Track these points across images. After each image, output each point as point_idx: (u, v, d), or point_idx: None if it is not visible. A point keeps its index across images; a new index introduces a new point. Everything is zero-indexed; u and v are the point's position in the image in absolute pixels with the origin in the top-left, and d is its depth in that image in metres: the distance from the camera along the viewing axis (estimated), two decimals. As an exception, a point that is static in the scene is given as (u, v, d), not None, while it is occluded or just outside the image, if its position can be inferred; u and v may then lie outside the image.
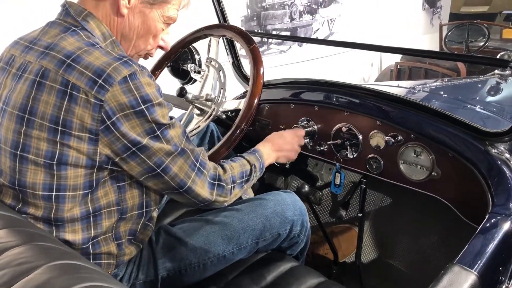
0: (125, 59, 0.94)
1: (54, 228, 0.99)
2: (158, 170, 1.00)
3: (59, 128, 0.92)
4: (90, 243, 1.03)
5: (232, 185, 1.17)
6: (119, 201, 1.05)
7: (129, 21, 1.05)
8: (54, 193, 0.96)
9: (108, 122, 0.92)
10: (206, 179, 1.10)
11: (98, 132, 0.92)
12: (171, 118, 1.02)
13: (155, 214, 1.21)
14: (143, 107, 0.93)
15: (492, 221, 1.06)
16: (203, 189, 1.08)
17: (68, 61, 0.93)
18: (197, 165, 1.07)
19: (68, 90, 0.91)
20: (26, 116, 0.94)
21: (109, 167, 0.98)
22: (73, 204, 0.98)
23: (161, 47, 1.17)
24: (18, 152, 0.96)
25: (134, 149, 0.96)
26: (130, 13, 1.04)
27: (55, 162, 0.94)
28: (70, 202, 0.97)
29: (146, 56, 1.17)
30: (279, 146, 1.40)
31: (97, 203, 1.01)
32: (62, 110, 0.91)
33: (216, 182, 1.12)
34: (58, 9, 1.05)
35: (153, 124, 0.96)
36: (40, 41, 1.01)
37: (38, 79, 0.94)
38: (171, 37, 1.19)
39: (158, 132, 0.97)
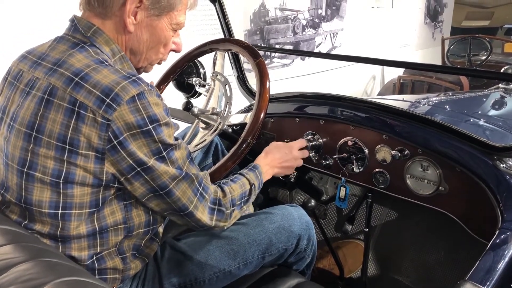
0: (134, 77, 0.94)
1: (60, 244, 0.98)
2: (161, 192, 1.00)
3: (67, 146, 0.91)
4: (95, 258, 1.02)
5: (232, 209, 1.15)
6: (126, 219, 1.04)
7: (138, 36, 1.05)
8: (60, 211, 0.95)
9: (115, 142, 0.91)
10: (207, 204, 1.09)
11: (105, 151, 0.92)
12: (176, 139, 1.02)
13: (161, 229, 1.20)
14: (150, 127, 0.93)
15: (502, 237, 1.04)
16: (203, 215, 1.08)
17: (77, 79, 0.92)
18: (200, 190, 1.06)
19: (76, 109, 0.91)
20: (34, 133, 0.94)
21: (115, 185, 0.97)
22: (79, 222, 0.97)
23: (174, 51, 1.17)
24: (25, 170, 0.95)
25: (139, 169, 0.95)
26: (138, 28, 1.04)
27: (61, 181, 0.93)
28: (76, 220, 0.97)
29: (159, 62, 1.17)
30: (278, 162, 1.39)
31: (104, 222, 1.00)
32: (69, 129, 0.91)
33: (216, 207, 1.11)
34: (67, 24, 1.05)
35: (160, 144, 0.95)
36: (48, 56, 1.00)
37: (46, 96, 0.94)
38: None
39: (164, 153, 0.97)
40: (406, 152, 1.42)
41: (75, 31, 1.02)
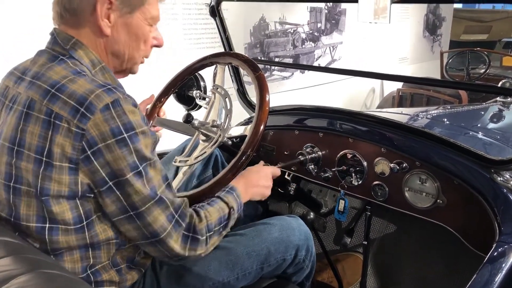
0: (109, 86, 0.94)
1: (52, 257, 0.97)
2: (132, 213, 0.96)
3: (44, 159, 0.91)
4: (89, 271, 1.01)
5: (208, 235, 1.08)
6: (118, 235, 1.02)
7: (115, 38, 1.04)
8: (47, 225, 0.95)
9: (89, 152, 0.90)
10: (182, 231, 1.03)
11: (78, 161, 0.91)
12: (155, 154, 0.99)
13: None
14: (125, 135, 0.91)
15: (500, 250, 1.05)
16: (176, 243, 1.02)
17: (53, 90, 0.92)
18: (176, 216, 1.01)
19: (52, 120, 0.91)
20: (16, 148, 0.94)
21: (92, 196, 0.95)
22: (68, 238, 0.96)
23: (156, 46, 1.15)
24: (12, 184, 0.96)
25: (111, 183, 0.93)
26: (114, 30, 1.03)
27: (40, 195, 0.93)
28: (64, 236, 0.96)
29: (142, 61, 1.15)
30: (254, 183, 1.30)
31: (96, 239, 0.99)
32: (47, 141, 0.91)
33: (191, 235, 1.04)
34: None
35: (135, 155, 0.93)
36: (30, 71, 1.01)
37: (25, 110, 0.94)
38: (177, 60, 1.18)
39: (140, 168, 0.94)
40: (404, 165, 1.42)
41: (55, 44, 1.02)
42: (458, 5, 8.10)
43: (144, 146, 0.95)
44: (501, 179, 1.26)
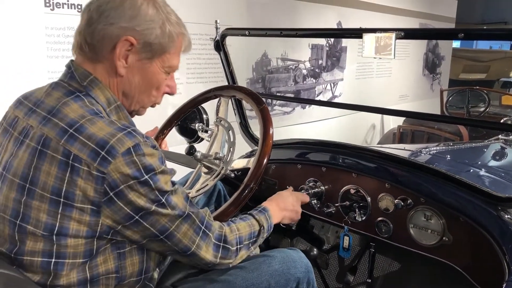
0: (129, 129, 0.94)
1: None
2: (162, 237, 1.00)
3: (61, 200, 0.91)
4: None
5: (238, 246, 1.15)
6: (118, 268, 1.01)
7: (129, 79, 1.04)
8: (53, 260, 0.93)
9: (111, 194, 0.91)
10: (211, 241, 1.08)
11: (101, 204, 0.91)
12: (173, 183, 1.01)
13: (155, 274, 1.17)
14: (146, 177, 0.93)
15: (510, 290, 1.02)
16: (207, 253, 1.07)
17: (71, 130, 0.92)
18: (203, 228, 1.06)
19: (70, 162, 0.90)
20: (27, 185, 0.93)
21: (109, 236, 0.96)
22: (71, 270, 0.95)
23: (168, 93, 1.15)
24: (18, 222, 0.94)
25: (137, 217, 0.95)
26: (129, 72, 1.03)
27: (55, 234, 0.92)
28: (69, 269, 0.94)
29: (153, 105, 1.15)
30: (285, 206, 1.39)
31: (96, 270, 0.97)
32: (64, 182, 0.90)
33: (222, 244, 1.11)
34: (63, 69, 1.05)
35: (157, 191, 0.95)
36: (43, 103, 1.00)
37: (39, 147, 0.93)
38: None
39: (163, 200, 0.97)
40: (409, 201, 1.41)
41: (71, 79, 1.02)
42: (457, 45, 8.27)
43: (164, 183, 0.97)
44: (509, 216, 1.24)
